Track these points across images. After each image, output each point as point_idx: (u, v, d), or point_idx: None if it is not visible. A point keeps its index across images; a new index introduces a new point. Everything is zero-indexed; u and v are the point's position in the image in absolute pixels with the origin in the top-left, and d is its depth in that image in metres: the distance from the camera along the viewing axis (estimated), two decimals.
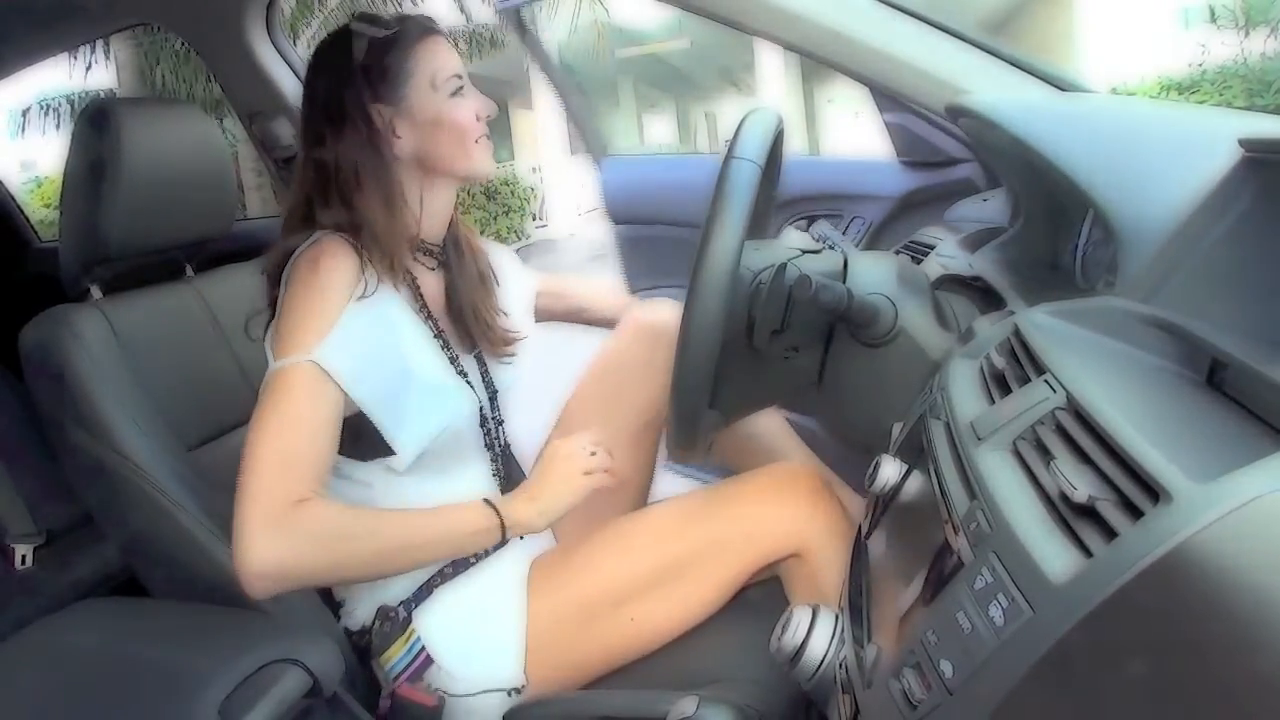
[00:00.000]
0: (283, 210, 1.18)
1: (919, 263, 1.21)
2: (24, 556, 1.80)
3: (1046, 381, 0.59)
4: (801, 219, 1.89)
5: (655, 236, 2.00)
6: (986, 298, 1.02)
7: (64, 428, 1.15)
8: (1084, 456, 0.51)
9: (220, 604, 1.09)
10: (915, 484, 0.68)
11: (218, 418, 1.27)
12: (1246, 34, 8.59)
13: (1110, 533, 0.45)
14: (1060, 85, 1.02)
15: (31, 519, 1.82)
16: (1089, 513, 0.47)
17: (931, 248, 1.27)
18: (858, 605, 0.70)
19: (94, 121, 1.20)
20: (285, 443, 0.96)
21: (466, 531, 1.05)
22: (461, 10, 10.17)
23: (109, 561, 1.74)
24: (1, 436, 1.82)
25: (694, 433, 0.92)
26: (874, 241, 1.78)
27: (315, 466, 0.98)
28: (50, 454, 1.23)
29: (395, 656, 1.11)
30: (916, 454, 0.70)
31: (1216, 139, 0.73)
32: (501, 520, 1.06)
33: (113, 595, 1.66)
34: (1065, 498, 0.48)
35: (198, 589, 1.11)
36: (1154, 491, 0.44)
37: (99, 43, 7.82)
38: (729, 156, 0.86)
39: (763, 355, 0.95)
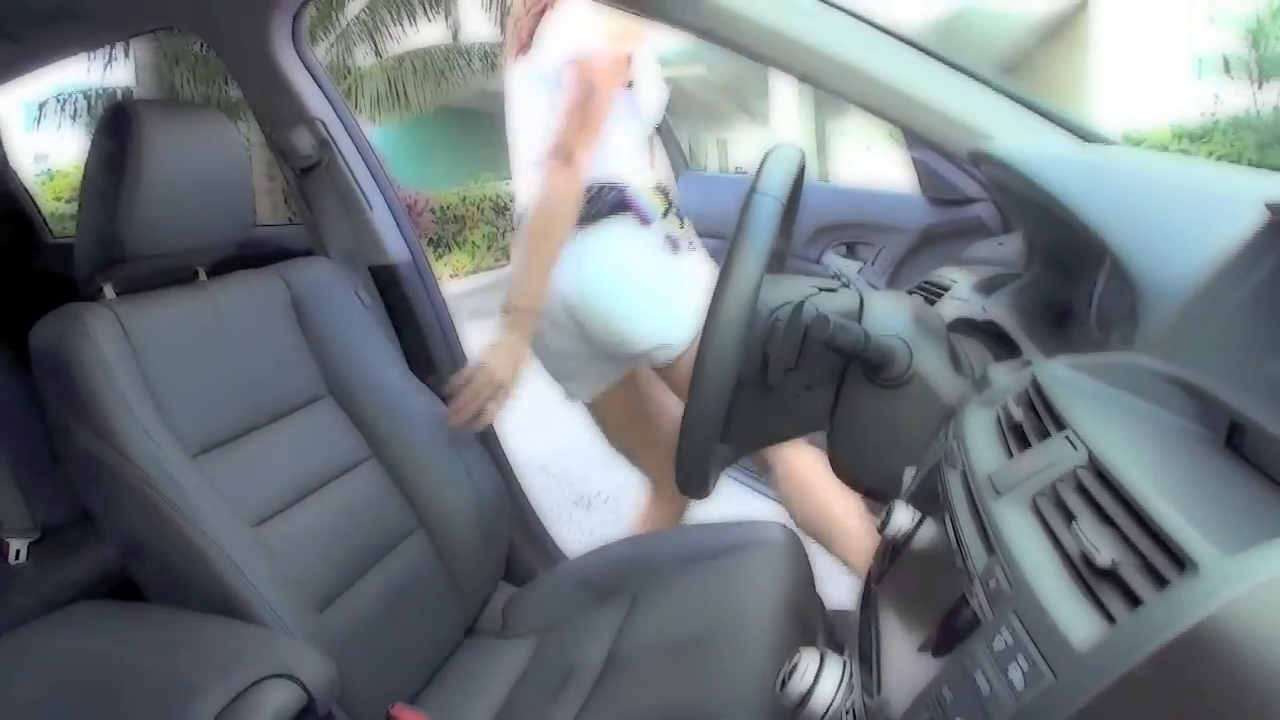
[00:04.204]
0: None
1: (932, 303, 1.21)
2: (18, 551, 1.80)
3: (1068, 439, 0.58)
4: (841, 245, 1.94)
5: (716, 249, 2.08)
6: (1000, 342, 1.02)
7: (70, 426, 1.15)
8: (1105, 517, 0.51)
9: (216, 613, 1.09)
10: (929, 533, 0.68)
11: (223, 425, 1.26)
12: (1260, 86, 8.65)
13: (1134, 599, 0.44)
14: (1084, 135, 1.02)
15: (29, 514, 1.82)
16: (1110, 576, 0.46)
17: (945, 289, 1.27)
18: (867, 653, 0.69)
19: (116, 122, 1.21)
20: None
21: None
22: (448, 28, 10.22)
23: (106, 562, 1.73)
24: (6, 429, 1.82)
25: (705, 466, 0.91)
26: (897, 273, 1.81)
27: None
28: (52, 450, 1.23)
29: None
30: (931, 502, 0.70)
31: (1244, 200, 0.73)
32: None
33: (109, 596, 1.66)
34: (1087, 560, 0.47)
35: (194, 597, 1.11)
36: (1179, 560, 0.43)
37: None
38: (752, 191, 0.87)
39: (776, 392, 0.94)
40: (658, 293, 1.66)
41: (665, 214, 1.69)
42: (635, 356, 1.70)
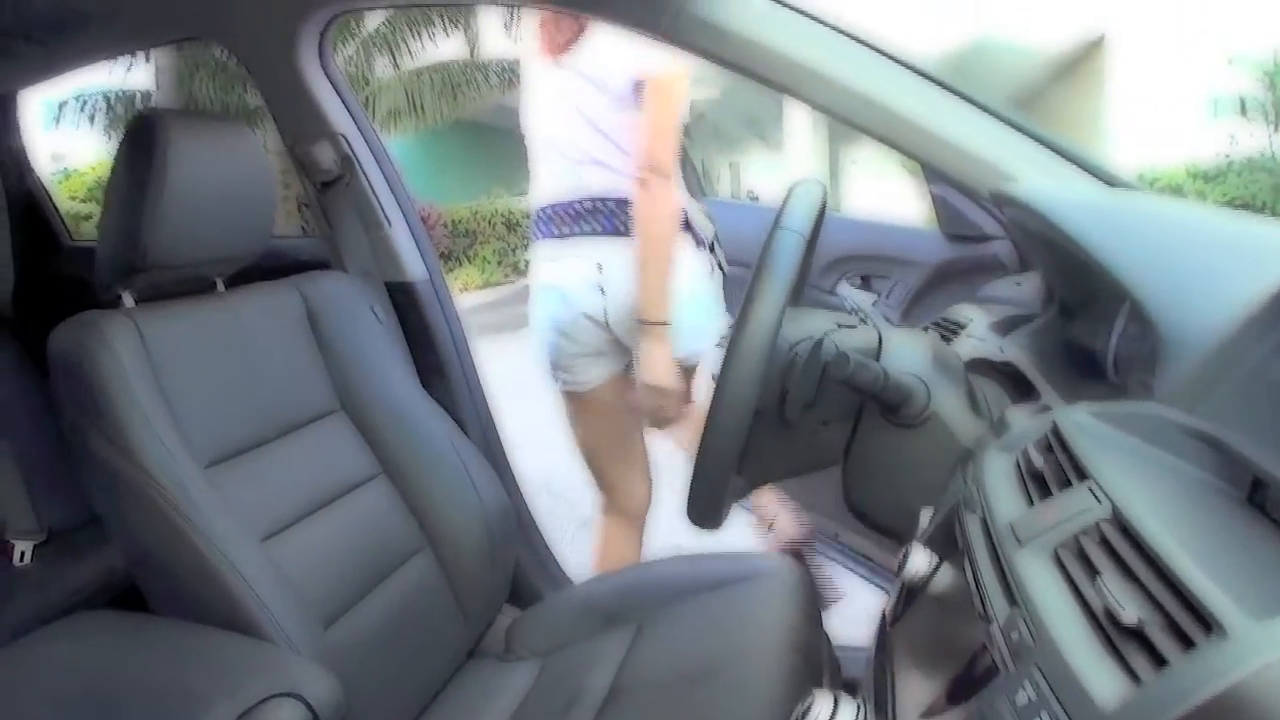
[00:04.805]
0: None
1: (948, 341, 1.20)
2: (23, 553, 1.79)
3: (1091, 490, 0.58)
4: (856, 276, 1.94)
5: (732, 276, 2.08)
6: (1017, 384, 1.02)
7: (84, 433, 1.15)
8: (1129, 572, 0.50)
9: (222, 627, 1.08)
10: (947, 577, 0.68)
11: (236, 437, 1.26)
12: (1276, 128, 8.66)
13: (1159, 659, 0.44)
14: (1108, 180, 1.02)
15: (35, 516, 1.82)
16: (1135, 634, 0.46)
17: (961, 326, 1.27)
18: (882, 698, 0.68)
19: (142, 132, 1.21)
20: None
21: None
22: (467, 44, 10.28)
23: (112, 567, 1.73)
24: (16, 430, 1.82)
25: (719, 498, 0.91)
26: (912, 307, 1.81)
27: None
28: (62, 454, 1.23)
29: None
30: (948, 546, 0.70)
31: (1271, 252, 0.73)
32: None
33: (113, 602, 1.65)
34: (1111, 616, 0.47)
35: (200, 609, 1.10)
36: (1205, 621, 0.43)
37: None
38: (776, 226, 0.87)
39: (792, 427, 0.94)
40: (694, 309, 1.75)
41: (713, 239, 1.83)
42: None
